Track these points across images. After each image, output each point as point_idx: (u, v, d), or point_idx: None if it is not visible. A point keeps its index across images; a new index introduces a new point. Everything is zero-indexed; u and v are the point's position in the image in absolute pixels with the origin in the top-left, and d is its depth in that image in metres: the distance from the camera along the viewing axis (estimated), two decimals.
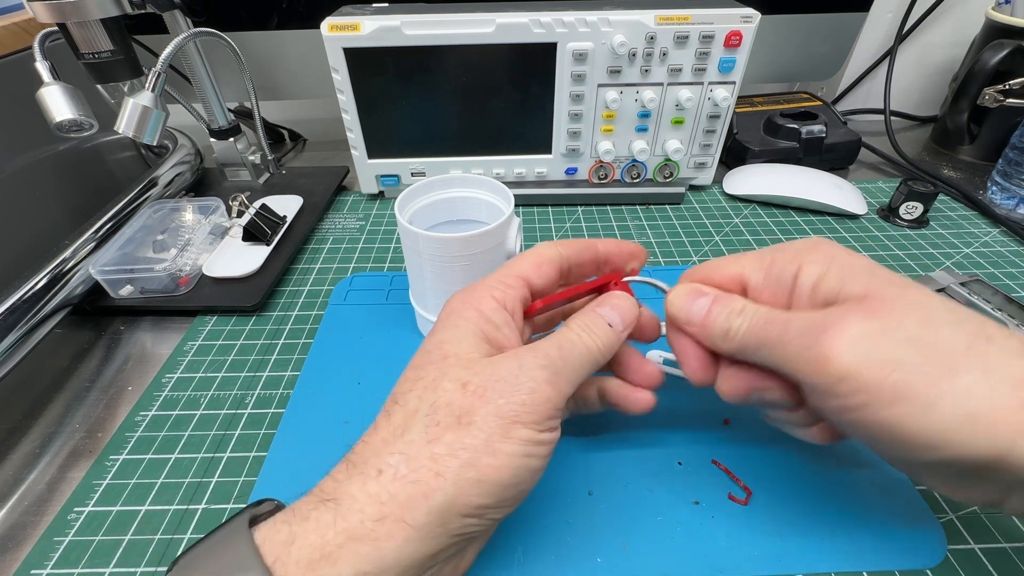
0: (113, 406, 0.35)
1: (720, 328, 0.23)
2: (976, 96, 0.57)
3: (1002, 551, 0.26)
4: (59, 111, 0.41)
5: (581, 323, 0.24)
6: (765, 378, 0.23)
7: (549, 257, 0.26)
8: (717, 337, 0.23)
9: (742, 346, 0.22)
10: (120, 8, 0.40)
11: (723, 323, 0.23)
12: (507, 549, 0.26)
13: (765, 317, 0.22)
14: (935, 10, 0.63)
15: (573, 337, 0.23)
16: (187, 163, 0.55)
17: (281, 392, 0.35)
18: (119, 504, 0.29)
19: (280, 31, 0.57)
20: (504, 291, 0.24)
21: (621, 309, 0.25)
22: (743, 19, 0.45)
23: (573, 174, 0.54)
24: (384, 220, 0.53)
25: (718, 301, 0.24)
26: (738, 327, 0.22)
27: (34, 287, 0.37)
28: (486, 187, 0.36)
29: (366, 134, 0.51)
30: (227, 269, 0.43)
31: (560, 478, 0.29)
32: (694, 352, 0.25)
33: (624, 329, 0.25)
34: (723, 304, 0.23)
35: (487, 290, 0.24)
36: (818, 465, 0.29)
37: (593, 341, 0.23)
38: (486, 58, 0.46)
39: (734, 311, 0.23)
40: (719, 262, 0.25)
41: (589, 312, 0.25)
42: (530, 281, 0.25)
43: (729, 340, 0.23)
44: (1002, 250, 0.46)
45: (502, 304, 0.24)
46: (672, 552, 0.26)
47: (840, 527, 0.26)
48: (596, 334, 0.24)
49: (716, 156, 0.53)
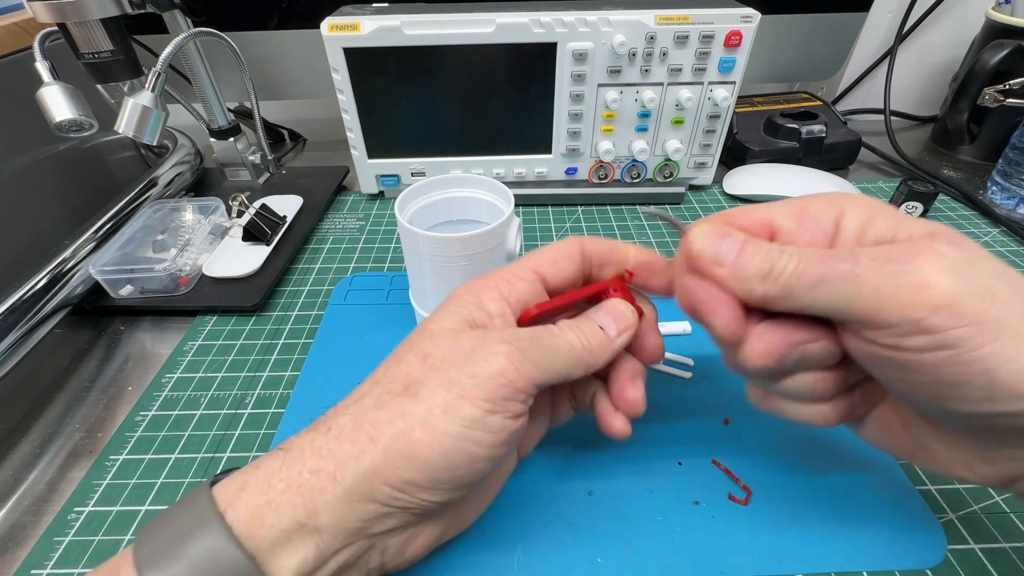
0: (113, 406, 0.35)
1: (758, 267, 0.19)
2: (976, 96, 0.57)
3: (1002, 551, 0.26)
4: (59, 111, 0.41)
5: (569, 323, 0.23)
6: (810, 328, 0.20)
7: (569, 253, 0.24)
8: (754, 278, 0.20)
9: (788, 288, 0.19)
10: (120, 8, 0.40)
11: (761, 262, 0.19)
12: (507, 549, 0.26)
13: (818, 254, 0.19)
14: (935, 10, 0.63)
15: (555, 330, 0.22)
16: (187, 163, 0.55)
17: (281, 392, 0.35)
18: (119, 504, 0.29)
19: (280, 31, 0.57)
20: (511, 283, 0.23)
21: (614, 313, 0.24)
22: (743, 19, 0.45)
23: (573, 174, 0.54)
24: (384, 220, 0.53)
25: (750, 242, 0.20)
26: (783, 265, 0.19)
27: (34, 287, 0.37)
28: (486, 187, 0.36)
29: (366, 134, 0.51)
30: (227, 269, 0.43)
31: (560, 478, 0.29)
32: (722, 298, 0.21)
33: (618, 334, 0.23)
34: (758, 244, 0.20)
35: (493, 280, 0.23)
36: (818, 465, 0.29)
37: (577, 338, 0.22)
38: (486, 58, 0.46)
39: (774, 250, 0.20)
40: (743, 209, 0.22)
41: (582, 317, 0.24)
42: (545, 276, 0.24)
43: (770, 281, 0.19)
44: (1002, 250, 0.46)
45: (505, 297, 0.23)
46: (672, 552, 0.26)
47: (840, 527, 0.26)
48: (583, 333, 0.22)
49: (716, 156, 0.53)
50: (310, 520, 0.19)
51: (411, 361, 0.21)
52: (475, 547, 0.26)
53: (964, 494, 0.28)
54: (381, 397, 0.20)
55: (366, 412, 0.20)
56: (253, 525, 0.18)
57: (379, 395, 0.21)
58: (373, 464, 0.19)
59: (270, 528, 0.18)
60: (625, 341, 0.24)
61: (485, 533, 0.26)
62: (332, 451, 0.19)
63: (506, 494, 0.28)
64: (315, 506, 0.19)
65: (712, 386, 0.34)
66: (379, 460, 0.19)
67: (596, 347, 0.23)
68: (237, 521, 0.18)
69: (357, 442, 0.19)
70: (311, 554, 0.19)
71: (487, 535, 0.26)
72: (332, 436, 0.20)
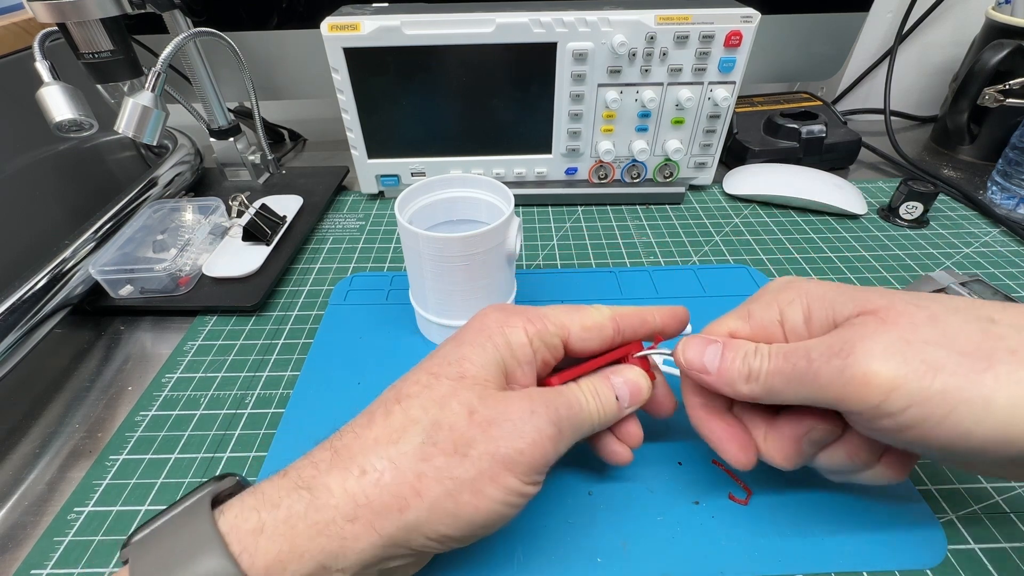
0: (113, 406, 0.35)
1: (740, 371, 0.22)
2: (976, 96, 0.57)
3: (1002, 551, 0.26)
4: (59, 111, 0.41)
5: (592, 388, 0.24)
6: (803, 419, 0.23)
7: (600, 325, 0.25)
8: (739, 380, 0.22)
9: (768, 386, 0.21)
10: (120, 8, 0.40)
11: (741, 365, 0.22)
12: (507, 549, 0.26)
13: (783, 350, 0.21)
14: (935, 10, 0.63)
15: (582, 400, 0.23)
16: (187, 163, 0.55)
17: (281, 392, 0.35)
18: (119, 504, 0.29)
19: (280, 31, 0.57)
20: (540, 329, 0.24)
21: (632, 385, 0.25)
22: (743, 19, 0.45)
23: (573, 174, 0.54)
24: (384, 220, 0.53)
25: (729, 345, 0.23)
26: (759, 366, 0.21)
27: (34, 287, 0.37)
28: (486, 187, 0.36)
29: (366, 134, 0.51)
30: (227, 269, 0.43)
31: (560, 478, 0.29)
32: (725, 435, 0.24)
33: (629, 407, 0.25)
34: (736, 346, 0.23)
35: (523, 321, 0.24)
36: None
37: (598, 410, 0.24)
38: (486, 58, 0.46)
39: (749, 352, 0.22)
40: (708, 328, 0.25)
41: (603, 379, 0.25)
42: (570, 339, 0.25)
43: (752, 381, 0.22)
44: (1002, 250, 0.46)
45: (531, 341, 0.24)
46: (672, 552, 0.26)
47: (840, 527, 0.26)
48: (603, 404, 0.24)
49: (716, 156, 0.53)
50: (336, 563, 0.18)
51: (456, 412, 0.21)
52: (475, 547, 0.26)
53: (964, 494, 0.28)
54: (426, 449, 0.20)
55: (409, 463, 0.20)
56: (273, 572, 0.18)
57: (422, 444, 0.20)
58: (418, 519, 0.19)
59: (292, 574, 0.18)
60: (632, 411, 0.25)
61: None
62: (371, 500, 0.19)
63: None
64: (345, 552, 0.19)
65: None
66: (423, 516, 0.19)
67: (609, 416, 0.24)
68: (254, 568, 0.18)
69: (400, 496, 0.19)
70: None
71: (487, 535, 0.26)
72: (369, 482, 0.19)
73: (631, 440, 0.26)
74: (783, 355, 0.21)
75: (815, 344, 0.20)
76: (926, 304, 0.19)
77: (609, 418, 0.24)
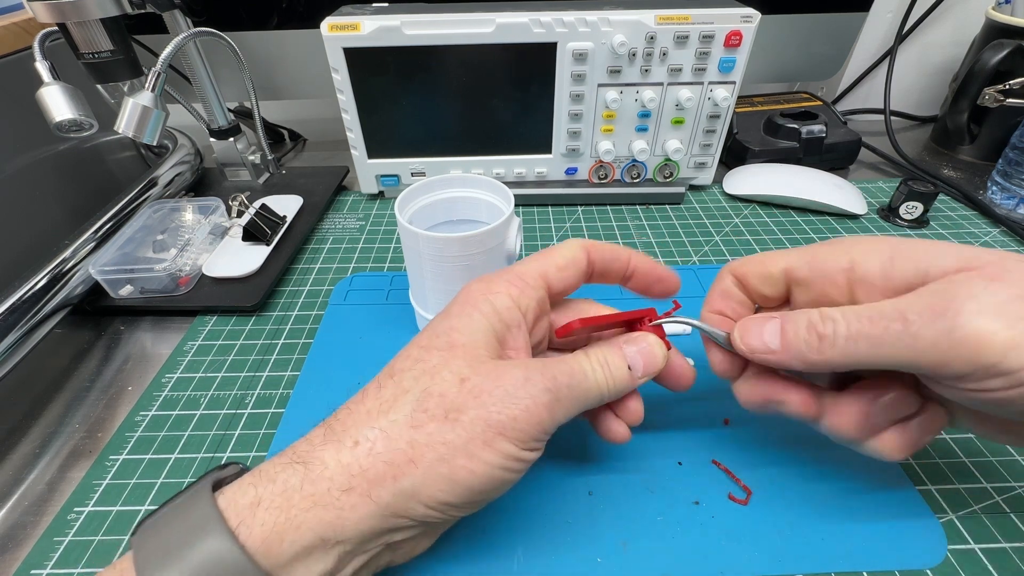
0: (113, 406, 0.35)
1: (811, 343, 0.20)
2: (976, 96, 0.57)
3: (1002, 551, 0.26)
4: (59, 111, 0.41)
5: (601, 357, 0.23)
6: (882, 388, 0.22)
7: (575, 259, 0.25)
8: (809, 351, 0.20)
9: (847, 352, 0.20)
10: (120, 8, 0.40)
11: (807, 335, 0.20)
12: (507, 549, 0.26)
13: (865, 313, 0.19)
14: (935, 10, 0.63)
15: (588, 369, 0.22)
16: (187, 163, 0.55)
17: (281, 392, 0.35)
18: (119, 504, 0.29)
19: (280, 31, 0.57)
20: (522, 289, 0.23)
21: (647, 355, 0.24)
22: (743, 19, 0.45)
23: (573, 174, 0.54)
24: (384, 220, 0.53)
25: (787, 318, 0.21)
26: (832, 331, 0.20)
27: (34, 287, 0.37)
28: (486, 187, 0.36)
29: (366, 134, 0.51)
30: (227, 269, 0.43)
31: (560, 478, 0.29)
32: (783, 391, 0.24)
33: (643, 377, 0.24)
34: (795, 317, 0.21)
35: (505, 285, 0.23)
36: (818, 465, 0.29)
37: (606, 380, 0.23)
38: (486, 58, 0.46)
39: (814, 319, 0.20)
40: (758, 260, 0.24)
41: (614, 347, 0.24)
42: (550, 283, 0.24)
43: (825, 349, 0.20)
44: (1002, 250, 0.46)
45: (516, 303, 0.23)
46: (672, 552, 0.26)
47: (840, 527, 0.26)
48: (612, 374, 0.23)
49: (716, 156, 0.53)
50: (335, 535, 0.19)
51: (447, 380, 0.20)
52: (476, 547, 0.26)
53: (964, 494, 0.28)
54: (417, 416, 0.20)
55: (400, 431, 0.20)
56: (271, 543, 0.18)
57: (413, 414, 0.20)
58: (413, 486, 0.19)
59: (291, 545, 0.18)
60: (646, 380, 0.24)
61: (486, 533, 0.26)
62: (365, 470, 0.19)
63: (506, 494, 0.28)
64: (343, 523, 0.19)
65: (712, 386, 0.34)
66: (419, 482, 0.19)
67: (620, 386, 0.23)
68: (251, 539, 0.18)
69: (393, 463, 0.19)
70: (329, 566, 0.19)
71: (488, 535, 0.26)
72: (362, 452, 0.19)
73: (631, 417, 0.25)
74: (867, 318, 0.19)
75: (911, 303, 0.18)
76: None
77: (620, 388, 0.23)
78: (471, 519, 0.27)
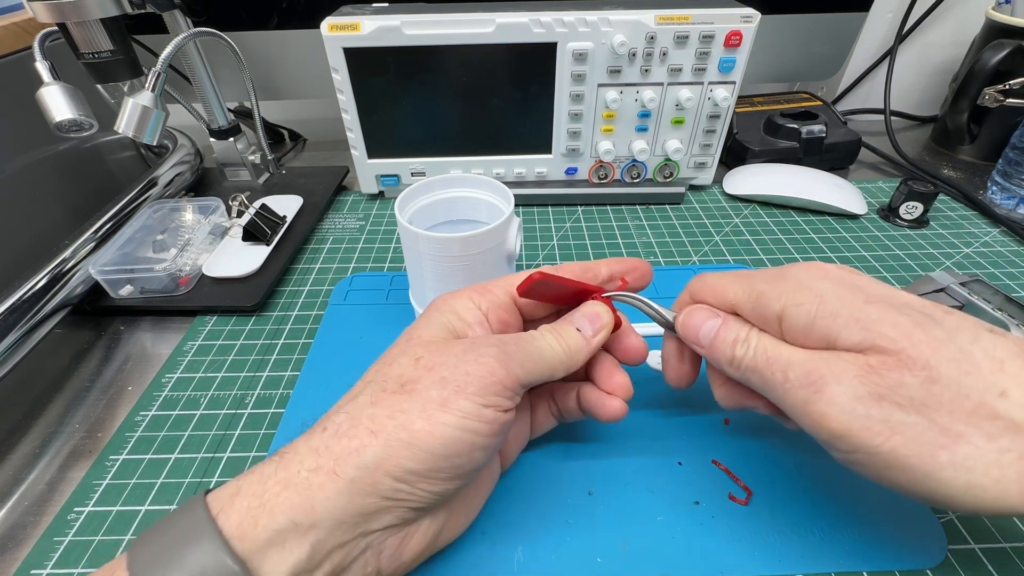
0: (113, 406, 0.35)
1: (726, 355, 0.23)
2: (976, 96, 0.57)
3: (1002, 551, 0.26)
4: (59, 111, 0.41)
5: (552, 328, 0.25)
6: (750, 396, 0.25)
7: None
8: (724, 362, 0.24)
9: (744, 378, 0.23)
10: (120, 8, 0.40)
11: (728, 351, 0.23)
12: (507, 549, 0.26)
13: (767, 354, 0.22)
14: (935, 10, 0.63)
15: (536, 336, 0.24)
16: (187, 163, 0.55)
17: (281, 392, 0.35)
18: (119, 504, 0.29)
19: (280, 31, 0.57)
20: (483, 295, 0.25)
21: (592, 317, 0.25)
22: (743, 19, 0.45)
23: (573, 174, 0.54)
24: (384, 220, 0.53)
25: (727, 325, 0.24)
26: (741, 356, 0.23)
27: (34, 287, 0.37)
28: (486, 187, 0.36)
29: (366, 134, 0.51)
30: (227, 269, 0.43)
31: (560, 478, 0.29)
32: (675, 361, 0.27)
33: (594, 335, 0.25)
34: (731, 329, 0.24)
35: (468, 292, 0.26)
36: (818, 465, 0.29)
37: (556, 341, 0.24)
38: (486, 58, 0.46)
39: (739, 339, 0.23)
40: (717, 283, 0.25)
41: (562, 320, 0.26)
42: (515, 295, 0.26)
43: (734, 367, 0.23)
44: (1002, 250, 0.46)
45: (476, 305, 0.25)
46: (672, 552, 0.26)
47: (840, 527, 0.26)
48: (564, 338, 0.24)
49: (716, 156, 0.53)
50: (306, 518, 0.19)
51: (404, 363, 0.22)
52: (476, 547, 0.26)
53: None
54: (376, 395, 0.21)
55: (362, 408, 0.21)
56: (246, 527, 0.18)
57: (374, 393, 0.21)
58: (376, 456, 0.19)
59: (264, 529, 0.18)
60: (601, 341, 0.25)
61: (486, 533, 0.26)
62: (330, 448, 0.20)
63: (506, 494, 0.28)
64: (312, 503, 0.19)
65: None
66: (381, 452, 0.19)
67: (574, 348, 0.24)
68: (228, 524, 0.18)
69: (356, 437, 0.20)
70: (305, 554, 0.19)
71: (488, 535, 0.26)
72: (329, 434, 0.20)
73: (619, 390, 0.26)
74: (766, 358, 0.22)
75: (797, 363, 0.21)
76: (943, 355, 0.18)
77: (576, 350, 0.24)
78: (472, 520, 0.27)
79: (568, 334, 0.25)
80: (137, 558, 0.18)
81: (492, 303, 0.25)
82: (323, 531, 0.19)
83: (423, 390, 0.21)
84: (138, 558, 0.18)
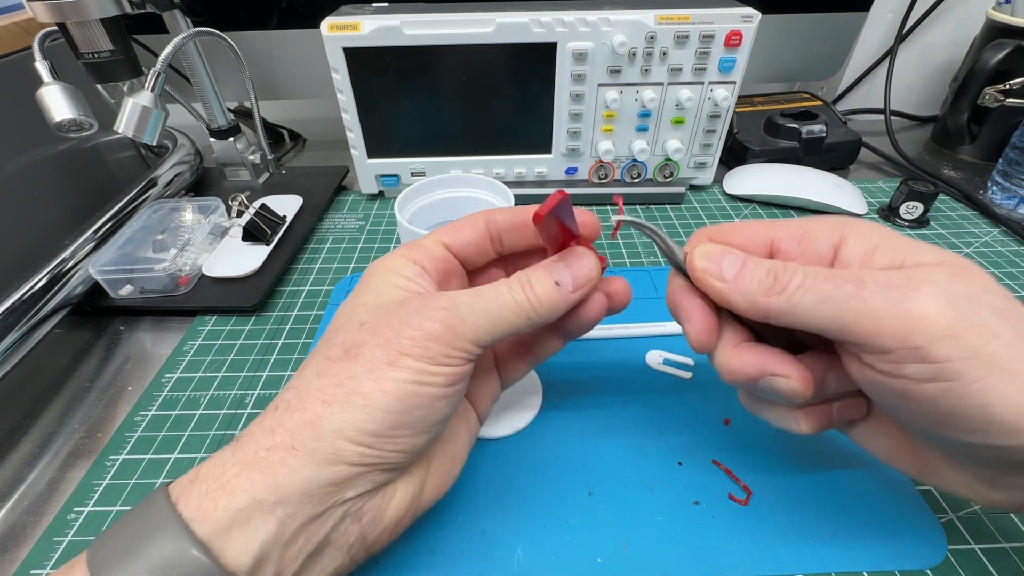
0: (113, 406, 0.35)
1: (760, 281, 0.20)
2: (976, 96, 0.57)
3: (1002, 551, 0.26)
4: (59, 111, 0.41)
5: (523, 277, 0.22)
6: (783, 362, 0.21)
7: (471, 220, 0.25)
8: (757, 291, 0.20)
9: (792, 303, 0.19)
10: (120, 8, 0.40)
11: (765, 276, 0.20)
12: (507, 549, 0.26)
13: (824, 272, 0.19)
14: (935, 10, 0.63)
15: (502, 288, 0.22)
16: (187, 163, 0.55)
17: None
18: (119, 504, 0.29)
19: (280, 31, 0.57)
20: (413, 249, 0.24)
21: (575, 267, 0.23)
22: (743, 19, 0.45)
23: (573, 174, 0.54)
24: (384, 220, 0.53)
25: (751, 260, 0.21)
26: (788, 280, 0.20)
27: (34, 287, 0.37)
28: (486, 187, 0.36)
29: (366, 134, 0.51)
30: (227, 269, 0.43)
31: (560, 478, 0.29)
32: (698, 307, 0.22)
33: (575, 291, 0.23)
34: (759, 262, 0.21)
35: (398, 251, 0.24)
36: (818, 465, 0.29)
37: (526, 297, 0.22)
38: (486, 58, 0.46)
39: (777, 266, 0.20)
40: (741, 225, 0.23)
41: (537, 266, 0.23)
42: (446, 241, 0.24)
43: (774, 295, 0.20)
44: (1002, 250, 0.46)
45: (412, 260, 0.23)
46: (672, 552, 0.26)
47: (840, 527, 0.26)
48: (535, 290, 0.22)
49: (716, 156, 0.53)
50: (270, 495, 0.18)
51: (348, 329, 0.21)
52: (475, 547, 0.26)
53: None
54: (321, 364, 0.21)
55: (309, 381, 0.20)
56: (206, 509, 0.18)
57: (319, 363, 0.21)
58: (332, 425, 0.19)
59: (224, 510, 0.18)
60: (583, 295, 0.23)
61: (485, 533, 0.26)
62: (284, 424, 0.20)
63: (506, 494, 0.28)
64: (276, 480, 0.19)
65: (712, 386, 0.34)
66: (336, 419, 0.19)
67: (547, 303, 0.22)
68: (188, 508, 0.18)
69: (308, 409, 0.20)
70: (272, 532, 0.18)
71: (487, 535, 0.26)
72: (281, 412, 0.20)
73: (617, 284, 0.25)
74: (825, 275, 0.19)
75: (874, 273, 0.19)
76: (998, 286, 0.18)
77: (548, 304, 0.22)
78: (472, 520, 0.27)
79: (541, 286, 0.22)
80: (98, 554, 0.18)
81: (425, 254, 0.24)
82: (292, 505, 0.19)
83: (368, 352, 0.20)
84: (99, 554, 0.18)
